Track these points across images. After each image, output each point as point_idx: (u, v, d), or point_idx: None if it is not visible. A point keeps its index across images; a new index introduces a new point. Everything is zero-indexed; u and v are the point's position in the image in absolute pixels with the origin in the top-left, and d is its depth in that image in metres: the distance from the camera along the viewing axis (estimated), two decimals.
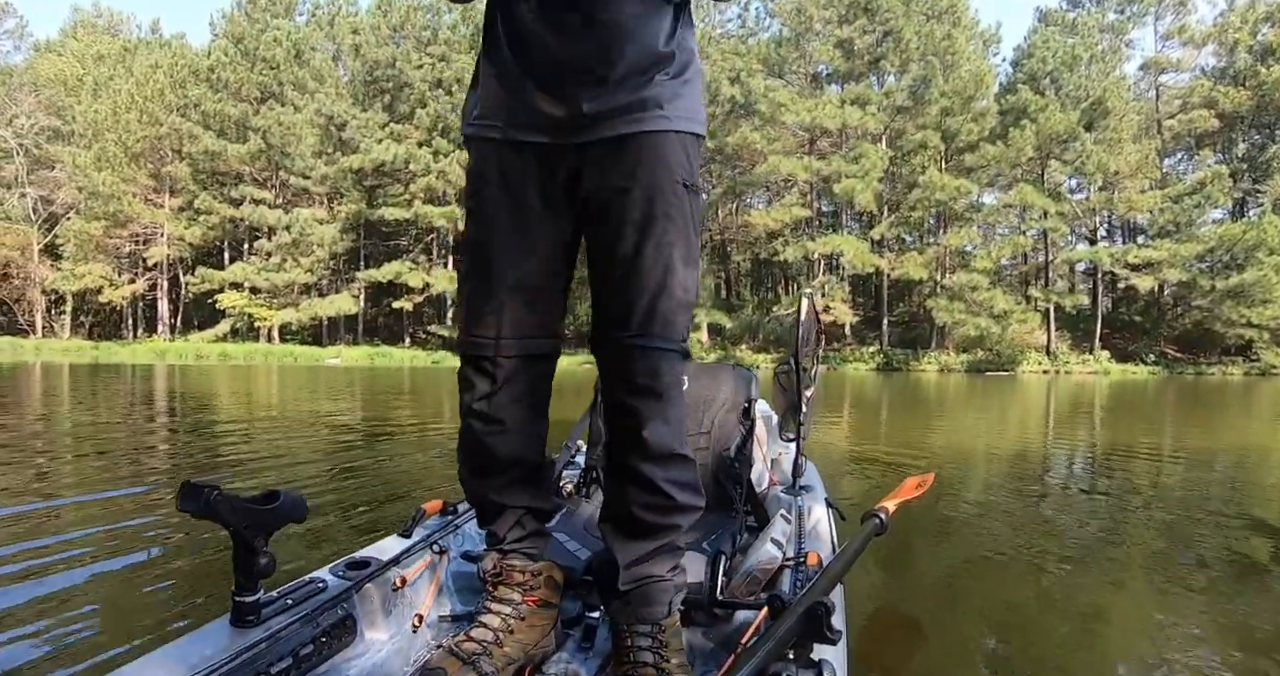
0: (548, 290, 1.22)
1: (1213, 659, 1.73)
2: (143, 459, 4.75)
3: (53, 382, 13.32)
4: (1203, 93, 33.91)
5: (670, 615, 1.15)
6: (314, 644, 1.10)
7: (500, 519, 1.26)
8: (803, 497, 2.01)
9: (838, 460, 4.89)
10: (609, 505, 1.22)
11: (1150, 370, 30.43)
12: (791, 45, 35.76)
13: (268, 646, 1.01)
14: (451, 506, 1.71)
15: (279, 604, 1.09)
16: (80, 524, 2.87)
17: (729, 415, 1.95)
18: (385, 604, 1.25)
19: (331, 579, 1.22)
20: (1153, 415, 9.88)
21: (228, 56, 37.19)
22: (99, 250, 38.17)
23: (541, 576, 1.24)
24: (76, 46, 44.41)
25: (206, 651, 0.96)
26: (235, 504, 0.96)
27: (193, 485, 0.94)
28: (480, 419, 1.21)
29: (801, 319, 2.23)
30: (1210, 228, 32.23)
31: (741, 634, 1.24)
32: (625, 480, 1.17)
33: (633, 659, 1.09)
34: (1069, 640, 1.86)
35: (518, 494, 1.25)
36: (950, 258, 34.37)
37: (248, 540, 0.98)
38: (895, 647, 1.86)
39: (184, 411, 8.29)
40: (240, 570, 1.01)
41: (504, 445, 1.23)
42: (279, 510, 1.00)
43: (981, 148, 32.07)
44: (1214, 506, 3.55)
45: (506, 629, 1.17)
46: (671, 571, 1.18)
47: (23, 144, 40.90)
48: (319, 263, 36.47)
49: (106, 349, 33.98)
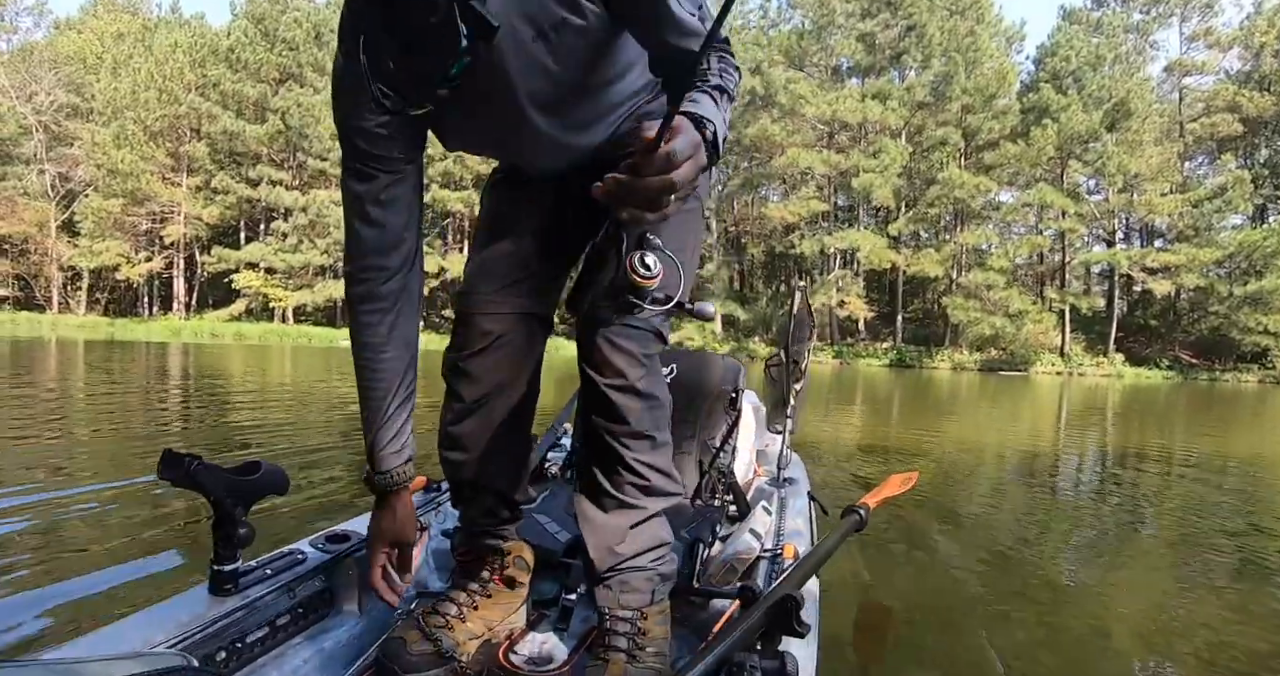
0: (551, 261, 1.26)
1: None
2: (188, 436, 4.81)
3: (71, 357, 13.42)
4: (1226, 96, 33.63)
5: (654, 604, 1.14)
6: (291, 614, 1.10)
7: (473, 502, 1.26)
8: (786, 490, 2.03)
9: (840, 455, 4.85)
10: (582, 486, 1.20)
11: (1164, 374, 30.32)
12: (813, 38, 35.61)
13: (245, 614, 1.02)
14: (435, 484, 1.72)
15: (257, 573, 1.09)
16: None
17: (715, 405, 1.94)
18: (363, 577, 1.23)
19: (311, 551, 1.22)
20: (1169, 420, 9.82)
21: (247, 37, 37.20)
22: (117, 227, 38.31)
23: (510, 556, 1.26)
24: (97, 24, 44.40)
25: (183, 617, 0.96)
26: (215, 473, 0.96)
27: (174, 454, 0.94)
28: (465, 379, 1.21)
29: (794, 312, 2.23)
30: (1230, 233, 32.04)
31: (715, 622, 1.26)
32: (599, 458, 1.16)
33: (607, 643, 1.09)
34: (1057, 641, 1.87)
35: (494, 477, 1.25)
36: (966, 255, 34.25)
37: (227, 510, 0.98)
38: (870, 643, 1.87)
39: (214, 389, 8.38)
40: (219, 539, 1.01)
41: (486, 416, 1.22)
42: (259, 481, 1.01)
43: (1002, 146, 31.94)
44: (1222, 517, 3.49)
45: (471, 605, 1.19)
46: (655, 561, 1.16)
47: (42, 121, 40.96)
48: (335, 245, 36.53)
49: (123, 326, 34.12)
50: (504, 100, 0.99)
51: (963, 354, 32.02)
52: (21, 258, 41.07)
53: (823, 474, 4.00)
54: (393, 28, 0.94)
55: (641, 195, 0.71)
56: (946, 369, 30.22)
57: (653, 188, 0.70)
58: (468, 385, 1.21)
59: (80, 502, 2.74)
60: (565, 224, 1.24)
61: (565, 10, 0.92)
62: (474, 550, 1.27)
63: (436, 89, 0.92)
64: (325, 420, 5.67)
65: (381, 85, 0.94)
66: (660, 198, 0.71)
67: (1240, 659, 1.78)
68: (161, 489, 2.90)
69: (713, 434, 1.93)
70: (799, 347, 2.27)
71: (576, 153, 1.14)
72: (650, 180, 0.70)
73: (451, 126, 1.09)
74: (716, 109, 0.91)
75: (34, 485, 3.01)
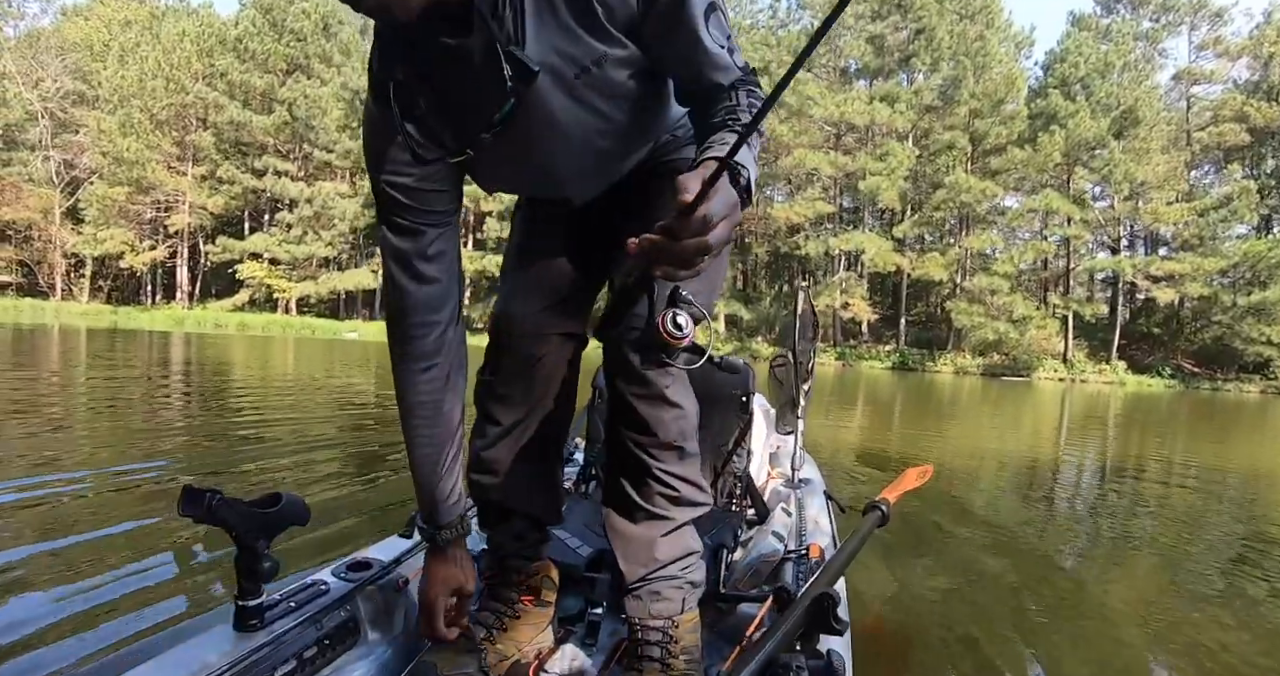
0: (585, 281, 1.25)
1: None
2: (207, 428, 4.80)
3: (75, 345, 13.42)
4: (1234, 106, 33.56)
5: (684, 612, 1.14)
6: (317, 646, 1.09)
7: (501, 526, 1.26)
8: (802, 490, 2.03)
9: (845, 462, 4.85)
10: (610, 498, 1.19)
11: (1166, 383, 30.30)
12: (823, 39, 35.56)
13: (271, 650, 1.01)
14: None
15: (282, 606, 1.08)
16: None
17: (727, 408, 1.94)
18: (388, 605, 1.25)
19: (333, 581, 1.22)
20: (1171, 430, 9.83)
21: (255, 27, 37.20)
22: (121, 215, 38.32)
23: (538, 576, 1.26)
24: (104, 11, 44.36)
25: (210, 657, 0.95)
26: (237, 508, 0.96)
27: (194, 490, 0.93)
28: (501, 402, 1.21)
29: (798, 312, 2.23)
30: (1235, 243, 31.98)
31: (745, 627, 1.25)
32: (627, 470, 1.15)
33: (640, 653, 1.09)
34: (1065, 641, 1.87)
35: (527, 501, 1.24)
36: (971, 260, 34.23)
37: (250, 544, 0.98)
38: (894, 639, 1.89)
39: (227, 380, 8.37)
40: (243, 574, 1.00)
41: (522, 439, 1.21)
42: (281, 513, 1.00)
43: (1009, 151, 31.89)
44: (1223, 527, 3.50)
45: (500, 626, 1.19)
46: (684, 570, 1.16)
47: (48, 107, 40.97)
48: (339, 237, 36.56)
49: (126, 314, 34.15)
50: (549, 139, 0.98)
51: (965, 358, 32.00)
52: (25, 244, 41.06)
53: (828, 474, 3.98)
54: (428, 75, 0.92)
55: (678, 257, 0.70)
56: (949, 373, 30.21)
57: (689, 250, 0.69)
58: (503, 409, 1.21)
59: (79, 484, 2.73)
60: (598, 244, 1.23)
61: (604, 45, 0.90)
62: (501, 572, 1.26)
63: (479, 135, 0.92)
64: (327, 415, 5.66)
65: (416, 135, 0.93)
66: (695, 259, 0.70)
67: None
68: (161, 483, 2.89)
69: (725, 438, 1.93)
70: (804, 347, 2.26)
71: (610, 181, 1.14)
72: (687, 243, 0.69)
73: (488, 169, 1.08)
74: (748, 151, 0.91)
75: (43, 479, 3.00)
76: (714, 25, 0.95)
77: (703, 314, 0.91)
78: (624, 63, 0.94)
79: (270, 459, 3.61)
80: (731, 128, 0.92)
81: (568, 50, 0.89)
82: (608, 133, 1.02)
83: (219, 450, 3.82)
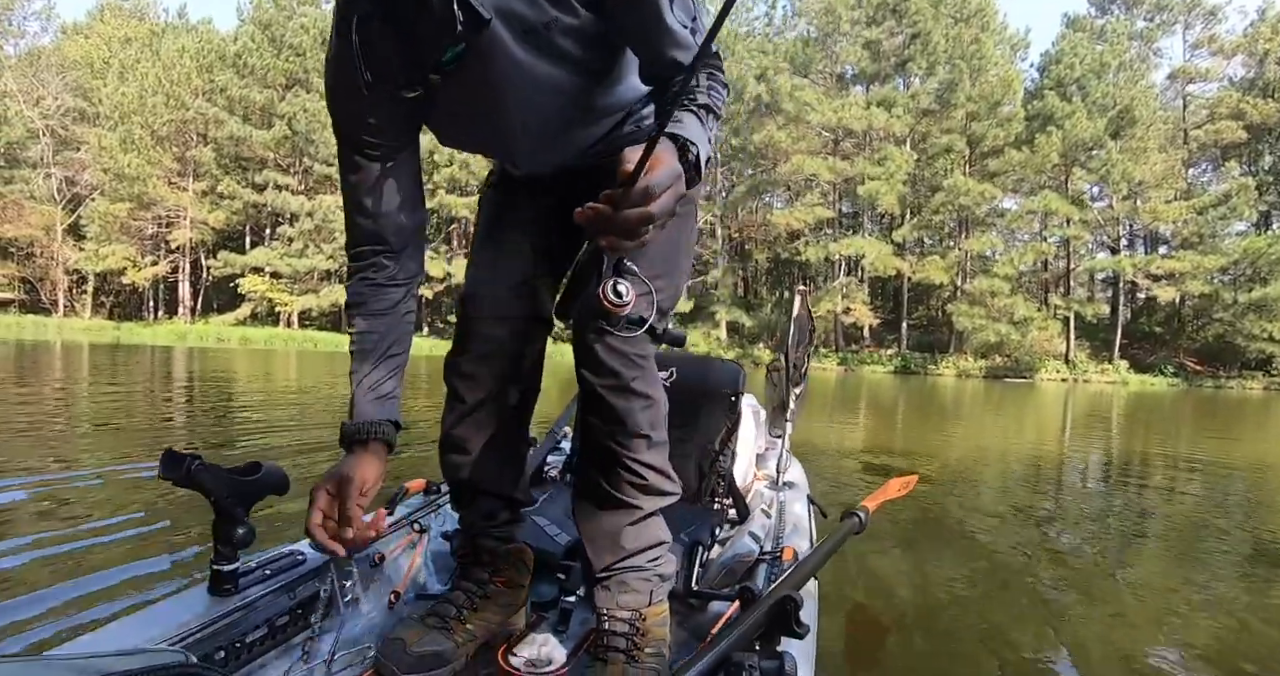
0: (549, 264, 1.27)
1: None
2: (213, 433, 4.82)
3: (80, 360, 13.46)
4: (1230, 104, 33.61)
5: (653, 605, 1.15)
6: (290, 615, 1.10)
7: (473, 505, 1.27)
8: (785, 493, 2.03)
9: (844, 466, 4.83)
10: (581, 488, 1.20)
11: (1169, 381, 30.23)
12: (818, 45, 35.69)
13: (244, 615, 1.02)
14: (434, 486, 1.73)
15: (257, 574, 1.09)
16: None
17: (715, 408, 1.95)
18: (364, 579, 1.25)
19: (310, 552, 1.21)
20: (1173, 427, 9.82)
21: (254, 42, 37.39)
22: (123, 231, 38.45)
23: (511, 558, 1.26)
24: (103, 29, 44.65)
25: (183, 617, 0.96)
26: (216, 473, 0.96)
27: (174, 454, 0.94)
28: (467, 382, 1.22)
29: (794, 316, 2.23)
30: (1234, 240, 31.96)
31: (713, 624, 1.26)
32: (597, 458, 1.16)
33: (606, 644, 1.10)
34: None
35: (494, 479, 1.26)
36: (971, 262, 34.22)
37: (228, 509, 0.98)
38: (865, 645, 1.89)
39: (232, 390, 8.39)
40: (219, 539, 1.01)
41: (487, 418, 1.23)
42: (259, 481, 1.01)
43: (1006, 153, 31.94)
44: (1230, 522, 3.48)
45: (470, 606, 1.19)
46: (653, 562, 1.16)
47: (49, 125, 41.20)
48: (341, 250, 36.58)
49: (129, 329, 34.24)
50: (497, 92, 1.00)
51: (968, 360, 31.97)
52: (27, 261, 41.24)
53: (823, 485, 3.98)
54: (387, 11, 0.95)
55: (620, 227, 0.72)
56: (951, 376, 30.18)
57: (630, 221, 0.71)
58: (469, 388, 1.23)
59: (82, 480, 2.75)
60: (561, 228, 1.24)
61: (556, 9, 0.92)
62: (474, 552, 1.27)
63: (429, 74, 0.95)
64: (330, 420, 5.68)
65: (370, 67, 0.96)
66: (638, 229, 0.72)
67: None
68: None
69: (712, 437, 1.93)
70: (799, 352, 2.26)
71: (564, 155, 1.15)
72: (628, 214, 0.71)
73: (444, 120, 1.10)
74: (702, 129, 0.93)
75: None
76: (678, 4, 0.97)
77: (648, 287, 0.95)
78: (575, 31, 0.95)
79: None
80: (686, 107, 0.94)
81: (518, 9, 0.91)
82: (558, 99, 1.03)
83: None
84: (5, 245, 39.74)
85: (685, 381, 1.94)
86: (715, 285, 36.03)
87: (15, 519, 2.55)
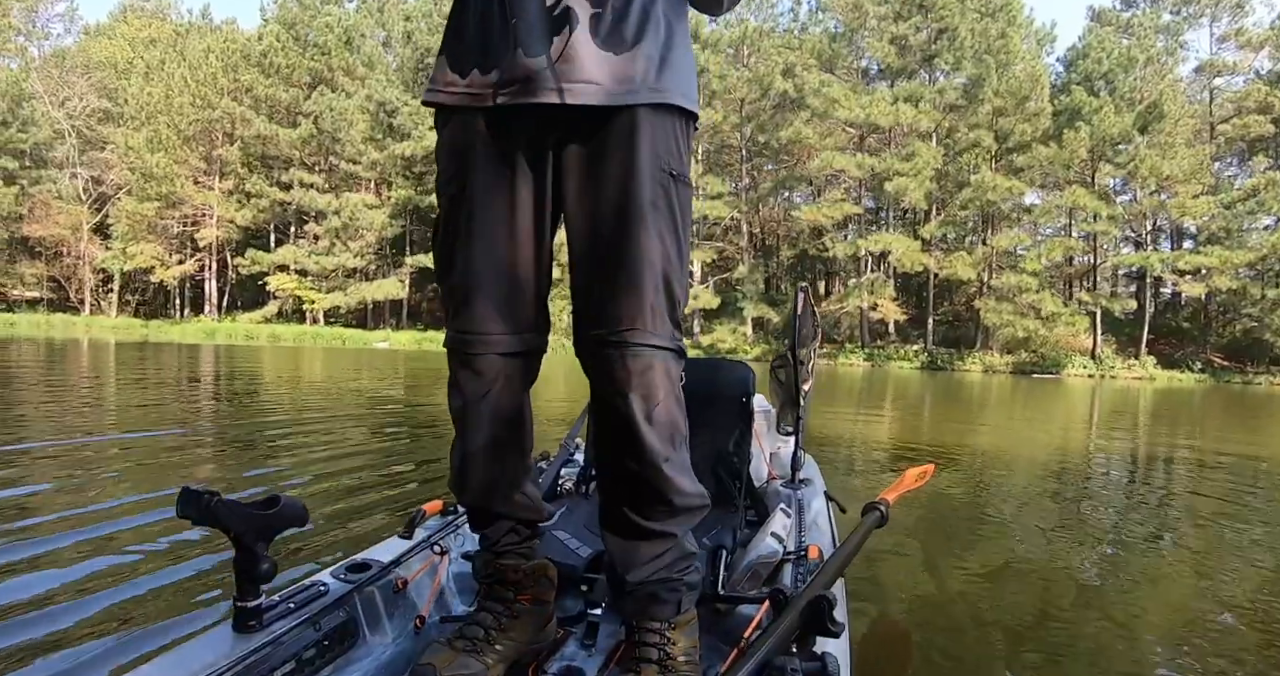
0: (534, 280, 1.17)
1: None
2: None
3: (119, 357, 13.61)
4: (1258, 97, 33.37)
5: (681, 614, 1.14)
6: (317, 647, 1.10)
7: (492, 526, 1.26)
8: (802, 491, 2.03)
9: (873, 459, 4.87)
10: (606, 509, 1.18)
11: (1196, 377, 30.16)
12: (844, 40, 35.66)
13: (270, 651, 1.02)
14: (452, 506, 1.70)
15: (281, 608, 1.08)
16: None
17: (727, 410, 1.95)
18: (387, 606, 1.25)
19: (333, 582, 1.22)
20: (1204, 423, 9.81)
21: (279, 42, 37.59)
22: (150, 230, 38.76)
23: (535, 575, 1.24)
24: (126, 30, 44.93)
25: (209, 657, 0.96)
26: (235, 509, 0.96)
27: (191, 491, 0.94)
28: (469, 422, 1.18)
29: (798, 312, 2.21)
30: (1262, 235, 31.82)
31: (743, 628, 1.24)
32: (620, 485, 1.14)
33: (638, 655, 1.09)
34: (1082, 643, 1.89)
35: (505, 504, 1.24)
36: (998, 258, 34.20)
37: (248, 545, 0.98)
38: (896, 642, 1.90)
39: (278, 389, 8.51)
40: (242, 575, 1.00)
41: (495, 455, 1.20)
42: (279, 514, 1.00)
43: (1034, 148, 31.85)
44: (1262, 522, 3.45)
45: (499, 626, 1.18)
46: (681, 571, 1.14)
47: (75, 125, 41.50)
48: (368, 247, 36.88)
49: (157, 327, 34.57)
50: None
51: (994, 356, 31.95)
52: (55, 260, 41.63)
53: (856, 480, 4.09)
54: None
55: None
56: (978, 371, 30.18)
57: None
58: (476, 428, 1.18)
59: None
60: (535, 222, 1.16)
61: None
62: (497, 571, 1.24)
63: None
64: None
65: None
66: None
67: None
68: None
69: (726, 440, 1.95)
70: (804, 347, 2.23)
71: (571, 72, 1.05)
72: None
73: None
74: None
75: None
76: None
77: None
78: None
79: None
80: None
81: None
82: None
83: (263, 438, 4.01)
84: (33, 245, 40.12)
85: (696, 385, 1.94)
86: (741, 281, 36.10)
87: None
